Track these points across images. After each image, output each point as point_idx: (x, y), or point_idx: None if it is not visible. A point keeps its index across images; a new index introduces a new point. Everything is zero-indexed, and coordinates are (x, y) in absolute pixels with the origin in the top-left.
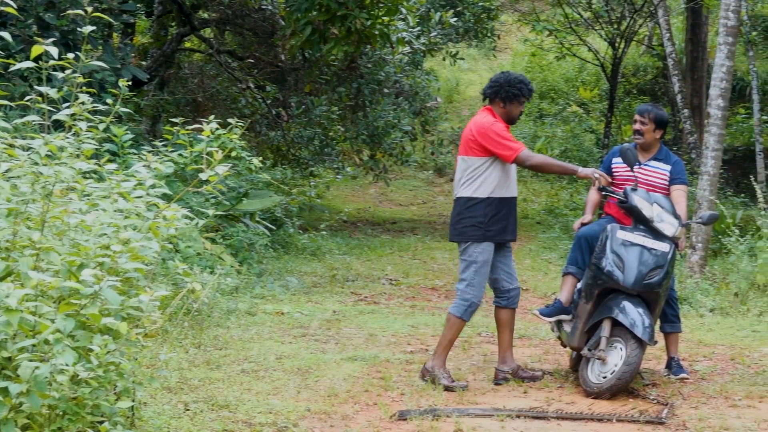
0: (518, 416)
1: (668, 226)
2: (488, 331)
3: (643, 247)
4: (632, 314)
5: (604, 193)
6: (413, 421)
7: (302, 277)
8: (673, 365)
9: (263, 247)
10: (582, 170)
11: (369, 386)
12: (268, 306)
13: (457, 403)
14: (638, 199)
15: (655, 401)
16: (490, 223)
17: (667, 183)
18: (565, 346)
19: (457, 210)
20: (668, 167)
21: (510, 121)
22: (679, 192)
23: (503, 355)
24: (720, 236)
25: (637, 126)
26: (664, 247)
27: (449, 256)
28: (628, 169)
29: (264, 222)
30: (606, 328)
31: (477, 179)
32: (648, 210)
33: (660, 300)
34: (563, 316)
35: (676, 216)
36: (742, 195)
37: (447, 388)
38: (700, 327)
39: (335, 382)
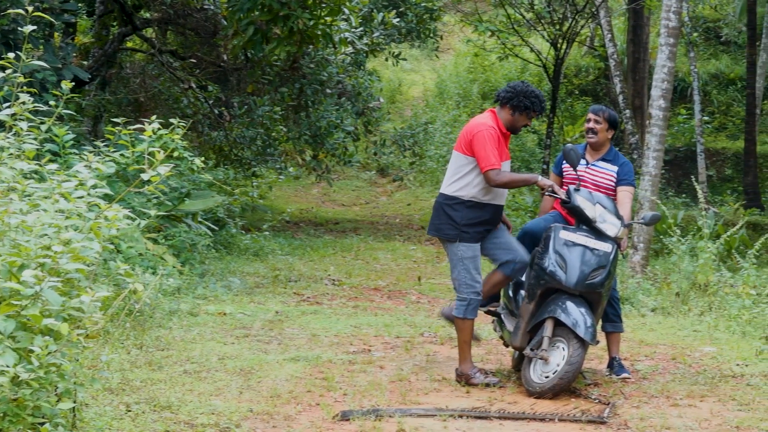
0: (461, 416)
1: (611, 226)
2: (431, 332)
3: (586, 247)
4: (574, 314)
5: (547, 193)
6: (356, 422)
7: (245, 278)
8: (614, 365)
9: (205, 247)
10: (541, 179)
11: (311, 387)
12: (210, 307)
13: (400, 403)
14: (581, 200)
15: (597, 401)
16: (467, 226)
17: (613, 184)
18: (507, 346)
19: (438, 205)
20: (615, 168)
21: (513, 129)
22: (624, 193)
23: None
24: (661, 236)
25: (591, 125)
26: (606, 247)
27: (392, 257)
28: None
29: (206, 222)
30: (548, 327)
31: (463, 179)
32: (591, 210)
33: (602, 300)
34: (494, 302)
35: (619, 216)
36: (684, 195)
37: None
38: (641, 327)
39: (278, 383)
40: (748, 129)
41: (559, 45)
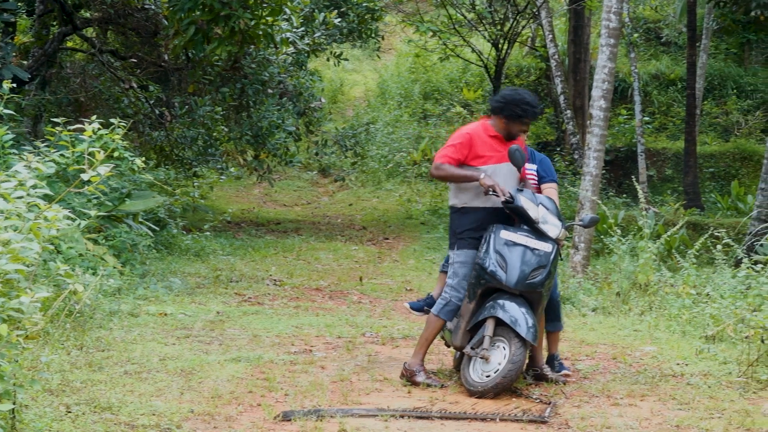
0: (402, 416)
1: (552, 227)
2: (372, 332)
3: (526, 247)
4: (515, 313)
5: (490, 193)
6: (297, 422)
7: (186, 278)
8: (555, 363)
9: (146, 248)
10: (483, 177)
11: (253, 387)
12: (151, 307)
13: (341, 403)
14: (524, 200)
15: (538, 400)
16: (462, 233)
17: (537, 182)
18: (449, 346)
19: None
20: (534, 167)
21: (509, 136)
22: (550, 190)
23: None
24: (602, 236)
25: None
26: (546, 247)
27: (333, 257)
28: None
29: (147, 223)
30: (489, 327)
31: (455, 187)
32: (534, 211)
33: (542, 300)
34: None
35: (560, 218)
36: (624, 195)
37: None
38: (582, 326)
39: (219, 384)
40: (688, 129)
41: (500, 45)
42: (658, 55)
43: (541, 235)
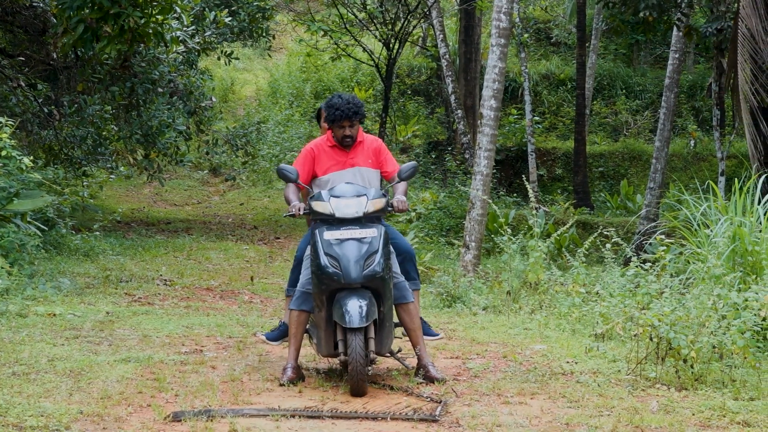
0: (293, 416)
1: (351, 208)
2: (263, 331)
3: (352, 239)
4: (350, 309)
5: (288, 214)
6: (187, 423)
7: (75, 278)
8: (423, 325)
9: (35, 248)
10: (292, 205)
11: (143, 388)
12: (39, 308)
13: (232, 403)
14: (314, 204)
15: (429, 399)
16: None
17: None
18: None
19: None
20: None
21: (340, 142)
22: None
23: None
24: (493, 235)
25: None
26: (371, 232)
27: (224, 257)
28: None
29: (35, 222)
30: (339, 332)
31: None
32: (325, 207)
33: (387, 284)
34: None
35: (363, 193)
36: (515, 195)
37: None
38: (473, 325)
39: (108, 384)
40: (578, 129)
41: (391, 45)
42: (548, 55)
43: (362, 223)
